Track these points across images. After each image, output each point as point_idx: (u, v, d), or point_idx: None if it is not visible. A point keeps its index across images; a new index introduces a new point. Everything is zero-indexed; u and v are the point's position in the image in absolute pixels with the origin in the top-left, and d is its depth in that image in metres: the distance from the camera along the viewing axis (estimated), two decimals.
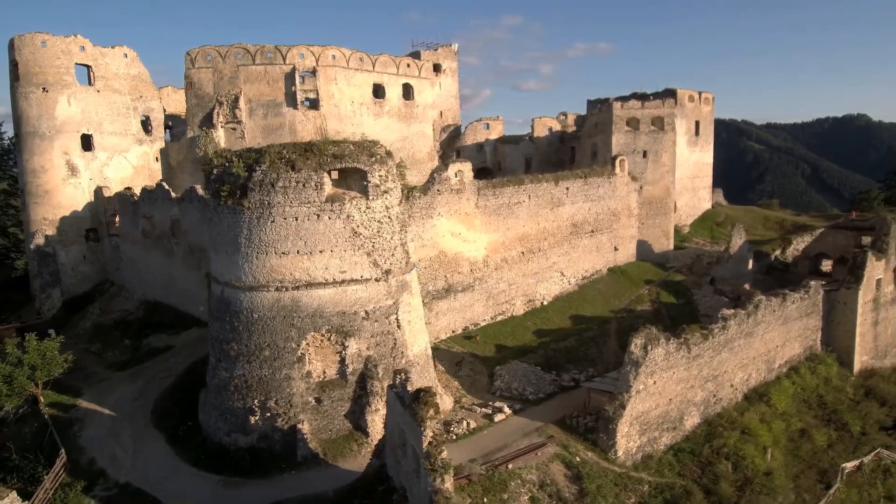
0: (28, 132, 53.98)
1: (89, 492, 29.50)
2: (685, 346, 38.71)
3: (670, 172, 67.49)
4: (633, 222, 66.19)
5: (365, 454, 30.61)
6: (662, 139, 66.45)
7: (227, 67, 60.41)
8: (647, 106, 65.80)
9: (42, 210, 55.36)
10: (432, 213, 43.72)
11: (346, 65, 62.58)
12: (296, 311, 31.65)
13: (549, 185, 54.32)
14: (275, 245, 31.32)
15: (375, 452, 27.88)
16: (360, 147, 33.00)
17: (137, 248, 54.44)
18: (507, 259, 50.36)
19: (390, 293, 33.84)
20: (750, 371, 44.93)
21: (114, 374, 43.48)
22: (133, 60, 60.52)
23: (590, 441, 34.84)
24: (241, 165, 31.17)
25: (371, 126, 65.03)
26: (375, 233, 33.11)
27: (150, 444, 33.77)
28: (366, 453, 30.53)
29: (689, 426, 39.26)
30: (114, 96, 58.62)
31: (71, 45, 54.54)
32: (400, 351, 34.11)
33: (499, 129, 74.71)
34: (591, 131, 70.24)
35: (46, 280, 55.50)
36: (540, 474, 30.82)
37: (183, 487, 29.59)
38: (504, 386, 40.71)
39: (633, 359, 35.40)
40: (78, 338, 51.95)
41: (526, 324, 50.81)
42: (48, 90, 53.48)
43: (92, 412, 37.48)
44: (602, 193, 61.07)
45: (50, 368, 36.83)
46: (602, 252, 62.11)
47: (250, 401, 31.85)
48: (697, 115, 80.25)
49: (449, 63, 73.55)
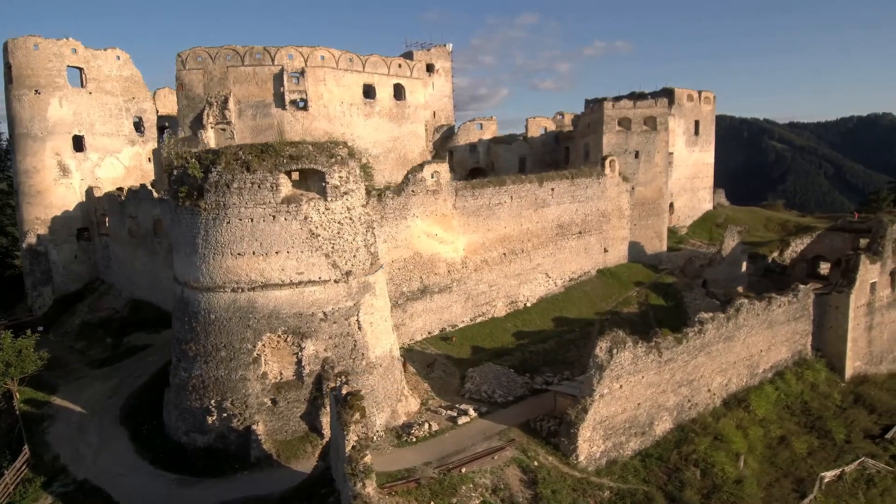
0: (21, 133, 55.14)
1: (48, 488, 29.94)
2: (656, 350, 38.03)
3: (663, 173, 66.39)
4: (625, 223, 65.25)
5: (319, 456, 30.60)
6: (655, 139, 65.39)
7: (216, 69, 60.91)
8: (639, 106, 64.80)
9: (34, 210, 56.51)
10: (406, 214, 43.56)
11: (335, 65, 62.71)
12: (251, 312, 31.77)
13: (533, 185, 53.79)
14: (230, 246, 31.47)
15: (321, 455, 27.88)
16: (320, 148, 32.98)
17: (124, 248, 55.27)
18: (487, 260, 49.99)
19: (351, 294, 33.78)
20: (730, 376, 44.00)
21: (92, 372, 44.18)
22: (125, 62, 61.43)
23: (552, 445, 34.42)
24: (198, 167, 31.36)
25: (361, 127, 65.15)
26: (335, 234, 33.07)
27: (114, 442, 34.20)
28: (319, 455, 30.53)
29: (659, 431, 38.58)
30: (106, 98, 59.57)
31: (63, 47, 55.56)
32: (360, 353, 34.03)
33: (492, 129, 74.26)
34: (583, 131, 69.45)
35: (38, 278, 56.67)
36: (494, 478, 30.51)
37: (138, 485, 29.88)
38: (474, 388, 40.42)
39: (598, 362, 34.90)
40: (65, 335, 53.03)
41: (506, 325, 50.43)
42: (40, 92, 54.57)
43: (64, 409, 38.10)
44: (591, 194, 60.31)
45: (24, 365, 37.54)
46: (590, 253, 61.35)
47: (207, 401, 32.06)
48: (697, 115, 78.89)
49: (442, 63, 73.28)
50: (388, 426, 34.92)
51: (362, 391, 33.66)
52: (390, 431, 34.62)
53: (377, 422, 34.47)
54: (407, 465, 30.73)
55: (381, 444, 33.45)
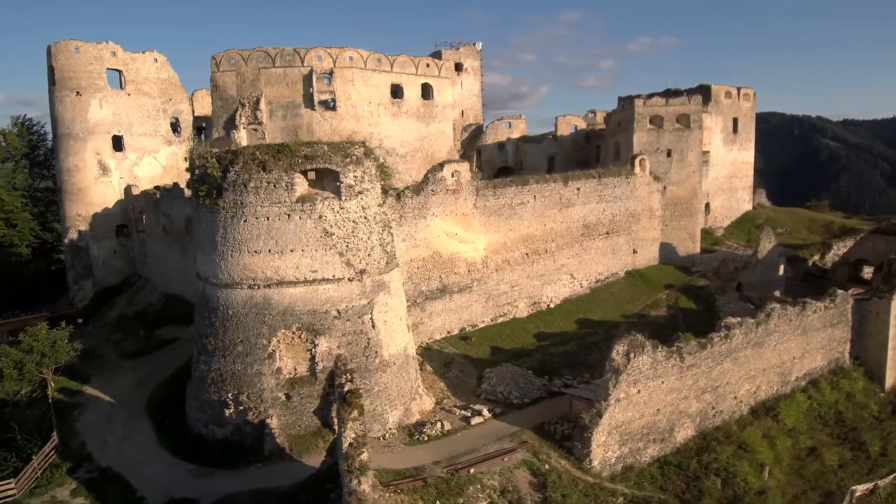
0: (63, 133, 57.73)
1: (73, 473, 31.31)
2: (677, 355, 37.02)
3: (697, 172, 64.55)
4: (656, 224, 63.78)
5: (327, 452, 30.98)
6: (688, 138, 63.63)
7: (249, 70, 62.37)
8: (671, 103, 63.20)
9: (76, 207, 59.08)
10: (426, 214, 43.65)
11: (363, 66, 63.33)
12: (267, 308, 32.43)
13: (558, 185, 53.13)
14: (247, 244, 32.19)
15: (329, 450, 28.24)
16: (335, 148, 33.38)
17: (159, 244, 57.19)
18: (508, 260, 49.65)
19: (364, 293, 34.09)
20: (759, 383, 42.49)
21: (124, 363, 45.90)
22: (163, 65, 63.53)
23: (565, 449, 33.93)
24: (217, 167, 32.19)
25: (388, 126, 65.60)
26: (349, 233, 33.42)
27: (138, 432, 35.48)
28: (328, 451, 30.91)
29: (680, 439, 37.56)
30: (144, 99, 61.76)
31: (103, 50, 57.86)
32: (373, 350, 34.32)
33: (521, 127, 73.72)
34: (614, 130, 68.20)
35: (79, 272, 59.23)
36: (503, 480, 30.28)
37: (156, 474, 30.93)
38: (490, 389, 40.21)
39: (614, 366, 34.20)
40: (103, 327, 55.26)
41: (528, 326, 49.99)
42: (81, 94, 56.99)
43: (94, 398, 39.74)
44: (619, 194, 59.18)
45: (58, 356, 39.30)
46: (618, 254, 60.21)
47: (225, 394, 32.91)
48: (735, 112, 76.43)
49: (471, 62, 73.11)
50: (401, 424, 35.11)
51: (375, 388, 34.26)
52: (403, 429, 34.81)
53: (390, 419, 34.74)
54: (416, 464, 30.85)
55: (393, 441, 33.69)
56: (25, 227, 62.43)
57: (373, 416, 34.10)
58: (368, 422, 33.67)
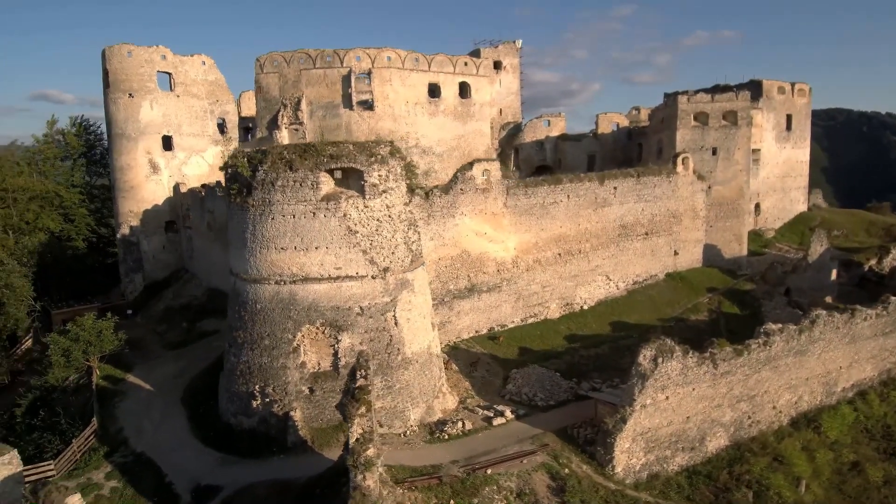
0: (117, 134, 60.69)
1: (109, 457, 32.95)
2: (710, 362, 35.71)
3: (744, 171, 62.02)
4: (699, 225, 61.75)
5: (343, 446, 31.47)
6: (735, 135, 61.20)
7: (291, 72, 63.83)
8: (717, 99, 60.92)
9: (128, 203, 62.02)
10: (454, 213, 43.68)
11: (401, 66, 63.78)
12: (292, 303, 33.22)
13: (593, 184, 52.16)
14: (274, 241, 33.04)
15: (346, 445, 28.61)
16: (360, 147, 33.84)
17: (204, 240, 59.35)
18: (540, 260, 49.10)
19: (388, 290, 34.43)
20: (801, 393, 40.56)
21: (166, 353, 47.91)
22: (210, 67, 65.84)
23: (588, 454, 33.34)
24: (247, 166, 33.18)
25: (426, 126, 65.83)
26: (373, 231, 33.82)
27: (172, 419, 37.00)
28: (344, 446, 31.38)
29: (712, 448, 36.26)
30: (192, 101, 64.19)
31: (153, 54, 60.48)
32: (396, 348, 34.62)
33: (560, 125, 72.64)
34: (657, 127, 66.32)
35: (130, 266, 62.17)
36: (520, 482, 30.02)
37: (185, 461, 32.18)
38: (515, 390, 39.91)
39: (641, 371, 33.33)
40: (150, 319, 57.83)
41: (559, 328, 49.32)
42: (133, 96, 59.76)
43: (135, 386, 41.67)
44: (659, 193, 57.59)
45: (103, 345, 41.42)
46: (658, 256, 58.59)
47: (252, 386, 33.90)
48: (789, 108, 72.97)
49: (510, 60, 72.53)
50: (422, 422, 35.30)
51: (397, 386, 34.57)
52: (424, 427, 34.98)
53: (411, 417, 34.98)
54: (434, 462, 30.94)
55: (414, 438, 33.92)
56: (82, 223, 66.10)
57: (394, 412, 34.48)
58: (389, 418, 34.21)
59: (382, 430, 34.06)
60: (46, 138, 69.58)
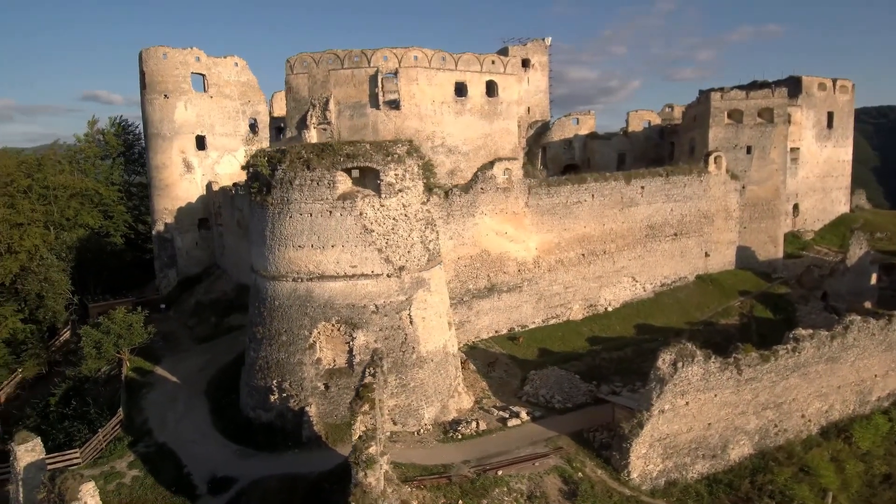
0: (152, 133, 62.69)
1: (133, 447, 34.03)
2: (734, 367, 34.66)
3: (781, 171, 59.87)
4: (732, 226, 59.96)
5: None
6: (771, 133, 59.13)
7: (320, 72, 64.69)
8: (752, 96, 58.96)
9: (163, 201, 64.01)
10: (474, 212, 43.51)
11: (428, 65, 63.86)
12: (309, 300, 33.68)
13: (619, 183, 51.20)
14: (292, 239, 33.56)
15: None
16: (377, 147, 34.05)
17: (234, 237, 60.74)
18: (562, 261, 48.48)
19: (403, 289, 34.56)
20: (832, 402, 39.01)
21: (194, 347, 49.23)
22: (243, 69, 67.34)
23: (603, 459, 32.78)
24: (266, 165, 33.78)
25: (452, 124, 65.71)
26: (389, 230, 34.00)
27: (195, 411, 37.98)
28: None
29: (735, 456, 35.20)
30: (225, 101, 65.78)
31: (188, 56, 62.21)
32: (410, 346, 34.72)
33: (590, 123, 71.54)
34: (689, 125, 64.68)
35: (165, 262, 64.16)
36: (531, 485, 29.75)
37: (204, 452, 32.99)
38: (532, 391, 39.56)
39: (659, 375, 32.56)
40: (182, 313, 59.54)
41: (581, 329, 48.63)
42: (168, 96, 61.60)
43: (162, 378, 42.95)
44: (689, 193, 56.15)
45: (133, 338, 42.87)
46: (688, 257, 57.14)
47: (270, 380, 34.52)
48: (831, 106, 70.15)
49: (538, 58, 71.80)
50: (437, 421, 35.33)
51: (411, 384, 34.67)
52: (438, 426, 35.00)
53: (425, 415, 35.04)
54: (446, 461, 30.96)
55: (427, 437, 33.96)
56: (120, 219, 68.55)
57: (408, 411, 34.60)
58: (403, 416, 34.35)
59: (396, 427, 34.30)
60: (87, 138, 72.45)
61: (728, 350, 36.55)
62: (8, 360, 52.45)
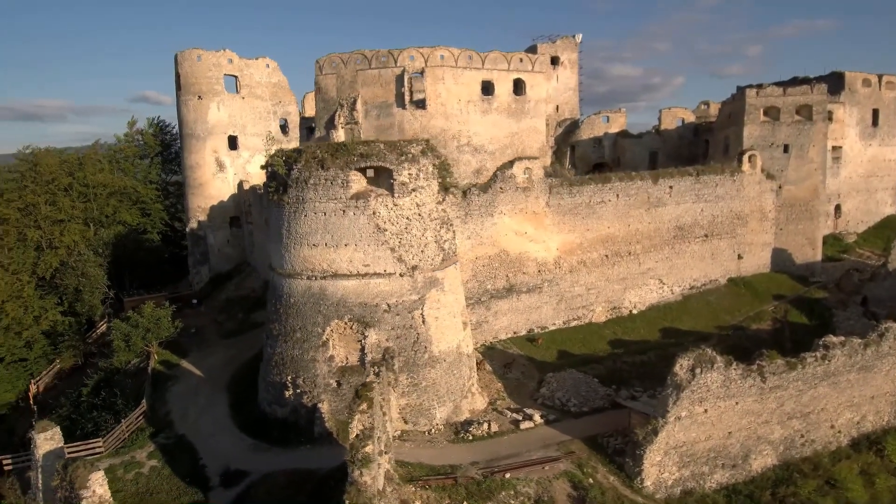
0: (187, 134, 64.48)
1: (154, 438, 35.14)
2: (757, 375, 33.41)
3: (820, 170, 57.38)
4: (768, 227, 57.87)
5: None
6: (810, 131, 56.72)
7: (347, 73, 65.37)
8: (790, 93, 56.68)
9: (196, 200, 65.77)
10: (493, 212, 43.20)
11: (454, 64, 63.72)
12: (322, 298, 34.07)
13: (645, 183, 50.02)
14: (307, 237, 34.00)
15: None
16: (391, 147, 34.17)
17: (262, 235, 61.77)
18: (584, 261, 47.67)
19: (416, 288, 34.60)
20: (865, 412, 37.24)
21: (221, 342, 50.41)
22: (274, 70, 68.58)
23: (616, 465, 32.13)
24: (282, 164, 34.34)
25: (478, 123, 65.42)
26: (402, 229, 34.08)
27: (215, 405, 38.94)
28: None
29: (757, 467, 33.98)
30: (256, 102, 67.13)
31: (221, 58, 63.70)
32: (423, 346, 34.74)
33: (620, 121, 70.11)
34: (724, 123, 62.65)
35: (197, 259, 65.92)
36: (539, 489, 29.35)
37: (220, 445, 33.81)
38: (548, 394, 39.07)
39: (676, 381, 31.72)
40: (212, 309, 61.06)
41: (603, 332, 47.73)
42: (202, 98, 63.22)
43: (188, 372, 44.18)
44: (721, 193, 54.43)
45: (160, 332, 44.24)
46: (719, 259, 55.41)
47: (285, 376, 35.09)
48: (876, 103, 66.87)
49: (568, 55, 70.77)
50: (448, 421, 35.26)
51: (423, 383, 34.70)
52: (450, 426, 34.93)
53: (437, 415, 35.02)
54: (454, 462, 30.86)
55: (438, 437, 33.94)
56: (157, 217, 70.85)
57: (419, 410, 34.64)
58: (415, 415, 34.40)
59: (408, 426, 34.42)
60: (127, 138, 75.11)
61: (755, 356, 35.32)
62: (47, 350, 54.91)
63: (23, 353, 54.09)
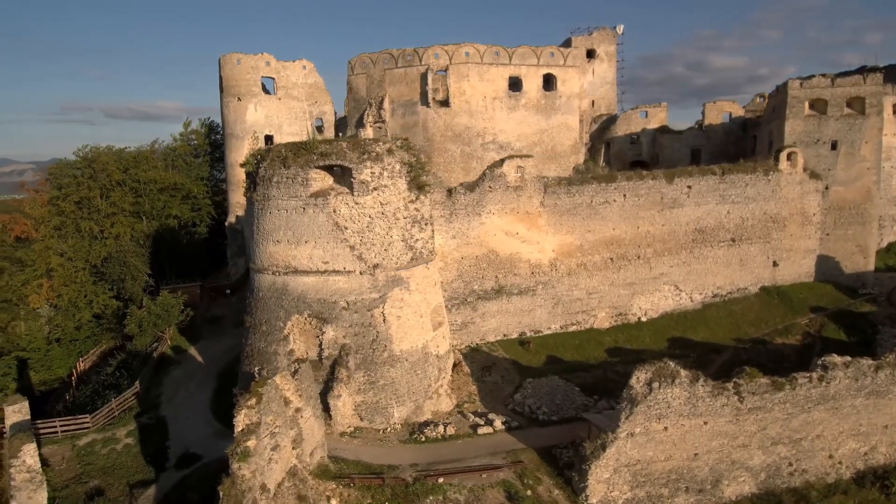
0: (228, 133, 68.24)
1: (138, 417, 37.69)
2: (733, 394, 30.64)
3: (873, 169, 51.23)
4: (811, 232, 52.53)
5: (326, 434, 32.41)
6: (862, 126, 50.73)
7: (376, 72, 66.57)
8: (838, 84, 50.94)
9: (236, 195, 69.22)
10: (480, 211, 42.31)
11: (479, 60, 62.98)
12: (285, 293, 35.03)
13: (658, 182, 46.97)
14: (272, 234, 35.07)
15: None
16: (353, 145, 34.44)
17: None
18: (585, 264, 45.55)
19: (376, 287, 34.69)
20: (874, 443, 33.12)
21: (231, 330, 52.77)
22: (310, 71, 70.89)
23: (565, 478, 30.59)
24: (253, 163, 35.62)
25: (504, 120, 64.39)
26: (364, 227, 34.28)
27: (203, 391, 41.12)
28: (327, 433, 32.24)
29: (730, 493, 31.22)
30: (292, 103, 69.74)
31: (259, 61, 66.78)
32: (382, 344, 34.78)
33: (660, 116, 66.11)
34: (769, 117, 57.51)
35: (235, 251, 69.60)
36: (470, 496, 28.61)
37: (191, 429, 35.70)
38: (521, 400, 37.88)
39: (632, 395, 29.81)
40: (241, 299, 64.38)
41: (604, 339, 45.45)
42: (241, 99, 66.62)
43: (192, 357, 46.93)
44: (752, 194, 50.07)
45: (169, 318, 47.38)
46: (749, 266, 51.03)
47: (253, 367, 36.26)
48: None
49: (605, 47, 67.61)
50: (407, 421, 35.09)
51: (380, 382, 34.76)
52: (407, 426, 34.75)
53: (395, 415, 34.95)
54: (394, 462, 30.74)
55: (390, 436, 33.88)
56: (205, 212, 75.65)
57: (375, 408, 34.76)
58: (370, 413, 34.59)
59: (363, 423, 34.63)
60: (182, 137, 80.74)
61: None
62: (95, 331, 60.35)
63: (74, 334, 59.81)
